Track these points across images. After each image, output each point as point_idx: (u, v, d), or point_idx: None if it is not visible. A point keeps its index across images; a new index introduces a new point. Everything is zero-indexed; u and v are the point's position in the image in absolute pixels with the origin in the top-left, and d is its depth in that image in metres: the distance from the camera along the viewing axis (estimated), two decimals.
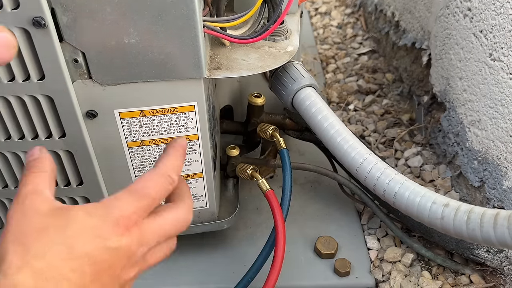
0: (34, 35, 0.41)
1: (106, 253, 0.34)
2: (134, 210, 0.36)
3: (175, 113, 0.50)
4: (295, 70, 0.59)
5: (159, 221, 0.38)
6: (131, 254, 0.36)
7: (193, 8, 0.42)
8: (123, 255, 0.36)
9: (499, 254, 0.60)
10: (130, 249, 0.36)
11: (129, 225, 0.36)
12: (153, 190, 0.38)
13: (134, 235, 0.36)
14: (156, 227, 0.38)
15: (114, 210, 0.35)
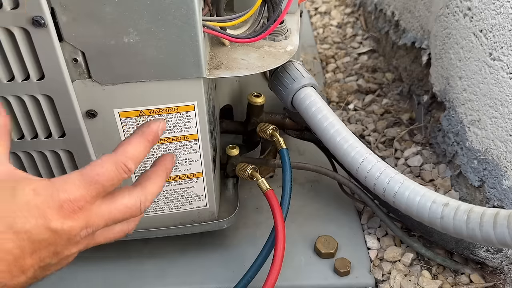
0: (33, 35, 0.41)
1: (47, 233, 0.35)
2: (82, 195, 0.36)
3: (175, 113, 0.50)
4: (294, 69, 0.59)
5: (108, 206, 0.38)
6: (72, 236, 0.36)
7: (192, 7, 0.42)
8: (64, 236, 0.36)
9: (499, 253, 0.60)
10: (71, 231, 0.36)
11: (74, 209, 0.36)
12: (105, 178, 0.37)
13: (79, 219, 0.36)
14: (104, 211, 0.38)
15: (61, 193, 0.35)
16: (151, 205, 0.58)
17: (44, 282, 0.58)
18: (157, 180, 0.42)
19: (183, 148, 0.53)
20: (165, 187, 0.56)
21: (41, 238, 0.35)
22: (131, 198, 0.39)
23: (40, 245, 0.35)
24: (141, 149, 0.40)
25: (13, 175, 0.37)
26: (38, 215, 0.34)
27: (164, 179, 0.43)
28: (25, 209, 0.34)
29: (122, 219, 0.39)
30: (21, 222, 0.34)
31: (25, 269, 0.35)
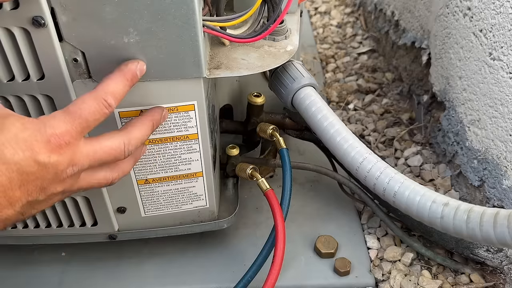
0: (33, 35, 0.41)
1: (34, 166, 0.36)
2: (67, 130, 0.38)
3: (175, 112, 0.50)
4: (294, 69, 0.59)
5: (94, 145, 0.40)
6: (59, 171, 0.38)
7: (192, 7, 0.42)
8: (51, 170, 0.37)
9: (499, 253, 0.60)
10: (58, 166, 0.38)
11: (61, 144, 0.37)
12: (87, 112, 0.39)
13: (65, 154, 0.38)
14: (89, 150, 0.40)
15: (48, 128, 0.37)
16: (150, 205, 0.58)
17: (46, 285, 0.58)
18: (142, 128, 0.44)
19: (183, 147, 0.53)
20: (165, 187, 0.56)
21: (29, 170, 0.36)
22: (115, 140, 0.41)
23: (28, 178, 0.36)
24: (120, 87, 0.41)
25: (2, 111, 0.38)
26: (26, 147, 0.36)
27: (149, 128, 0.45)
28: (13, 141, 0.36)
29: (106, 161, 0.41)
30: (10, 154, 0.35)
31: (13, 201, 0.37)
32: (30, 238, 0.60)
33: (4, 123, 0.36)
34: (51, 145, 0.37)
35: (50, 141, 0.37)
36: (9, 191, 0.36)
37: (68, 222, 0.58)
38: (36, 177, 0.37)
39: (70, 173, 0.39)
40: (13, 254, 0.66)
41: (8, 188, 0.36)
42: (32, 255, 0.67)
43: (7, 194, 0.36)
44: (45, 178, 0.38)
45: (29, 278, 0.64)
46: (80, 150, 0.39)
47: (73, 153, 0.39)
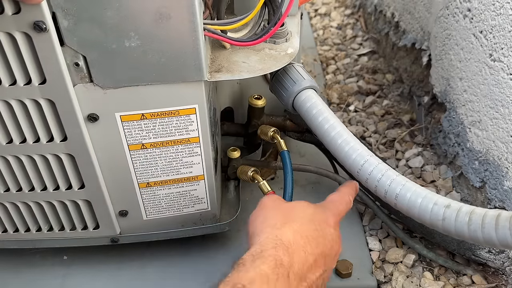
0: (35, 39, 0.41)
1: (332, 235, 0.48)
2: (338, 213, 0.53)
3: (176, 116, 0.50)
4: (295, 72, 0.59)
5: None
6: (339, 246, 0.51)
7: (193, 11, 0.42)
8: (338, 242, 0.50)
9: (500, 254, 0.60)
10: (339, 239, 0.51)
11: (338, 220, 0.52)
12: (343, 205, 0.55)
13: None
14: None
15: (329, 210, 0.51)
16: (152, 208, 0.58)
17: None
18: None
19: (184, 151, 0.53)
20: (166, 190, 0.56)
21: (329, 238, 0.48)
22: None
23: (326, 244, 0.47)
24: (352, 191, 0.58)
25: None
26: (323, 221, 0.49)
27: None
28: (316, 215, 0.49)
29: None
30: (316, 223, 0.48)
31: (315, 267, 0.45)
32: (32, 242, 0.60)
33: (303, 204, 0.50)
34: (335, 220, 0.51)
35: (335, 215, 0.52)
36: (315, 256, 0.45)
37: (70, 226, 0.58)
38: (331, 246, 0.48)
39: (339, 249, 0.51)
40: (15, 258, 0.66)
41: (316, 254, 0.45)
42: (34, 258, 0.67)
43: (315, 258, 0.45)
44: (334, 247, 0.49)
45: (31, 281, 0.64)
46: None
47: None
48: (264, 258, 0.42)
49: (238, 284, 0.39)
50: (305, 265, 0.44)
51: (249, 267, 0.40)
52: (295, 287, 0.42)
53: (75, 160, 0.51)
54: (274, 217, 0.47)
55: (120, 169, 0.53)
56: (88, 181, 0.53)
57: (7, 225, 0.57)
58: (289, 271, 0.42)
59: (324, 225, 0.48)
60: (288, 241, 0.44)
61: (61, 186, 0.53)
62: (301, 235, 0.45)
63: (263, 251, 0.42)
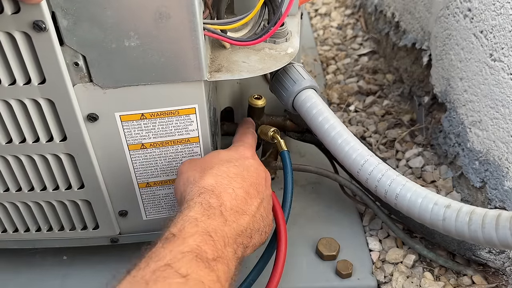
0: (34, 39, 0.41)
1: (252, 166, 0.49)
2: (250, 145, 0.55)
3: (176, 116, 0.50)
4: (295, 72, 0.59)
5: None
6: (264, 173, 0.51)
7: (193, 10, 0.42)
8: (262, 169, 0.51)
9: (501, 254, 0.60)
10: (262, 165, 0.51)
11: (253, 151, 0.54)
12: (248, 137, 0.57)
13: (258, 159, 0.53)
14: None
15: (240, 146, 0.53)
16: (151, 208, 0.58)
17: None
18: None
19: (184, 151, 0.53)
20: (166, 190, 0.56)
21: (252, 169, 0.49)
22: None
23: (252, 175, 0.48)
24: (250, 129, 0.62)
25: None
26: (240, 155, 0.50)
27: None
28: (231, 154, 0.50)
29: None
30: (234, 160, 0.49)
31: (251, 197, 0.46)
32: (32, 242, 0.60)
33: (215, 151, 0.51)
34: (251, 151, 0.53)
35: (248, 148, 0.53)
36: (246, 188, 0.46)
37: (70, 226, 0.58)
38: (257, 175, 0.48)
39: (267, 177, 0.52)
40: (15, 258, 0.66)
41: (245, 186, 0.46)
42: (33, 258, 0.67)
43: (246, 190, 0.46)
44: (260, 177, 0.49)
45: (31, 281, 0.64)
46: None
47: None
48: (190, 207, 0.42)
49: (168, 234, 0.39)
50: (237, 199, 0.44)
51: (177, 219, 0.41)
52: (233, 221, 0.43)
53: (74, 160, 0.51)
54: (192, 175, 0.47)
55: (119, 169, 0.53)
56: (88, 181, 0.53)
57: (6, 225, 0.57)
58: (221, 209, 0.42)
59: (242, 160, 0.49)
60: (211, 185, 0.44)
61: (61, 186, 0.53)
62: (223, 176, 0.46)
63: (188, 201, 0.43)
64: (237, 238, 0.43)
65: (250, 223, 0.45)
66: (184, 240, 0.38)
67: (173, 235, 0.39)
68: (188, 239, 0.38)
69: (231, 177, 0.46)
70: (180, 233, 0.39)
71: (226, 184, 0.45)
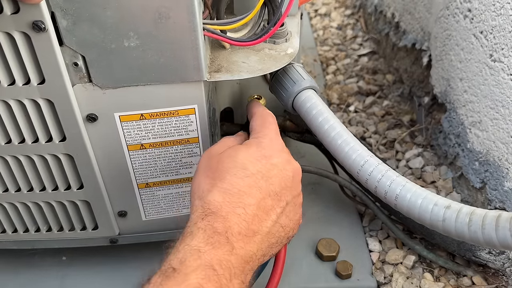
0: (34, 39, 0.41)
1: (275, 169, 0.43)
2: (276, 134, 0.48)
3: (176, 116, 0.50)
4: (295, 72, 0.59)
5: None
6: (294, 168, 0.47)
7: (193, 11, 0.42)
8: (289, 168, 0.45)
9: (501, 255, 0.60)
10: (291, 162, 0.46)
11: (280, 144, 0.47)
12: (270, 119, 0.51)
13: (286, 152, 0.47)
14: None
15: (264, 138, 0.46)
16: (151, 209, 0.58)
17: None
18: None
19: (183, 151, 0.53)
20: (165, 191, 0.56)
21: (272, 174, 0.43)
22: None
23: (273, 182, 0.43)
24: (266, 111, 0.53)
25: (232, 146, 0.46)
26: (260, 157, 0.43)
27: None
28: (249, 156, 0.43)
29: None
30: (251, 166, 0.43)
31: (268, 210, 0.42)
32: (31, 242, 0.60)
33: (234, 149, 0.44)
34: (276, 147, 0.46)
35: (272, 144, 0.46)
36: (262, 201, 0.41)
37: (69, 226, 0.58)
38: (280, 179, 0.43)
39: (298, 169, 0.48)
40: (14, 258, 0.66)
41: (261, 199, 0.41)
42: (33, 259, 0.67)
43: (260, 205, 0.41)
44: (287, 177, 0.44)
45: (30, 282, 0.64)
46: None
47: (288, 152, 0.48)
48: (193, 234, 0.38)
49: (168, 268, 0.36)
50: (247, 220, 0.40)
51: (179, 247, 0.38)
52: (241, 247, 0.39)
53: (74, 161, 0.51)
54: (203, 182, 0.42)
55: (119, 170, 0.53)
56: (87, 182, 0.53)
57: (5, 225, 0.57)
58: (227, 235, 0.38)
59: (263, 163, 0.43)
60: (217, 205, 0.40)
61: (60, 186, 0.53)
62: (232, 192, 0.41)
63: (191, 226, 0.39)
64: (246, 266, 0.39)
65: (262, 243, 0.41)
66: (186, 277, 0.35)
67: (173, 269, 0.36)
68: (190, 275, 0.35)
69: (243, 192, 0.41)
70: (181, 267, 0.36)
71: (236, 201, 0.40)
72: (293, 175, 0.46)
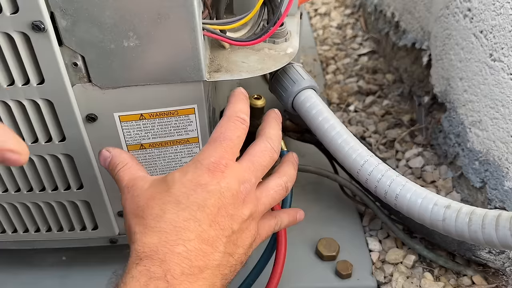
0: (33, 39, 0.41)
1: (211, 197, 0.38)
2: (221, 155, 0.40)
3: (175, 116, 0.50)
4: (295, 72, 0.59)
5: (246, 158, 0.42)
6: (234, 192, 0.39)
7: (192, 11, 0.42)
8: (227, 194, 0.39)
9: (501, 255, 0.60)
10: (230, 188, 0.39)
11: (221, 167, 0.39)
12: (229, 132, 0.42)
13: (230, 175, 0.40)
14: (246, 163, 0.42)
15: (203, 161, 0.40)
16: None
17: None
18: (273, 125, 0.47)
19: (183, 151, 0.53)
20: None
21: (209, 203, 0.38)
22: (260, 143, 0.44)
23: (211, 212, 0.38)
24: (243, 105, 0.45)
25: (161, 177, 0.41)
26: (195, 185, 0.38)
27: (278, 126, 0.48)
28: (183, 187, 0.38)
29: (265, 164, 0.43)
30: (185, 198, 0.38)
31: (213, 242, 0.38)
32: (31, 242, 0.60)
33: (167, 179, 0.40)
34: (214, 172, 0.39)
35: (210, 169, 0.39)
36: (203, 233, 0.37)
37: (69, 226, 0.58)
38: (218, 207, 0.38)
39: (244, 191, 0.40)
40: (13, 258, 0.66)
41: (201, 231, 0.37)
42: (32, 259, 0.67)
43: (203, 237, 0.37)
44: (226, 204, 0.39)
45: (30, 282, 0.64)
46: (239, 167, 0.41)
47: (235, 172, 0.40)
48: (127, 284, 0.35)
49: None
50: (191, 257, 0.36)
51: None
52: (188, 286, 0.35)
53: (73, 161, 0.51)
54: (133, 224, 0.38)
55: None
56: (87, 182, 0.53)
57: (5, 226, 0.57)
58: (167, 279, 0.35)
59: (197, 191, 0.38)
60: (152, 247, 0.36)
61: (60, 186, 0.53)
62: (168, 230, 0.37)
63: (126, 275, 0.36)
64: None
65: (214, 277, 0.37)
66: None
67: None
68: None
69: (180, 227, 0.37)
70: None
71: (174, 239, 0.36)
72: (233, 201, 0.39)
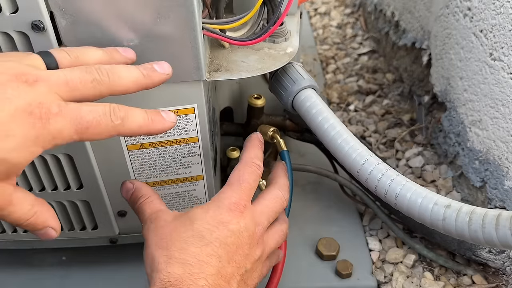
0: (33, 39, 0.41)
1: (232, 236, 0.42)
2: (240, 196, 0.44)
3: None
4: (295, 71, 0.59)
5: (262, 202, 0.47)
6: (251, 233, 0.43)
7: (192, 10, 0.42)
8: (245, 234, 0.43)
9: (501, 254, 0.60)
10: (248, 228, 0.43)
11: (240, 208, 0.43)
12: (246, 175, 0.46)
13: (248, 216, 0.43)
14: (261, 206, 0.46)
15: (224, 201, 0.43)
16: None
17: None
18: (283, 176, 0.52)
19: (183, 151, 0.53)
20: (165, 190, 0.56)
21: (229, 241, 0.41)
22: (272, 191, 0.48)
23: (230, 249, 0.41)
24: (258, 151, 0.50)
25: (183, 213, 0.45)
26: (217, 223, 0.42)
27: (286, 175, 0.53)
28: (206, 223, 0.42)
29: (276, 210, 0.47)
30: (208, 234, 0.41)
31: (229, 279, 0.41)
32: (30, 242, 0.60)
33: (189, 215, 0.43)
34: (234, 212, 0.43)
35: (231, 209, 0.43)
36: (222, 270, 0.40)
37: (69, 226, 0.58)
38: (237, 246, 0.42)
39: (258, 233, 0.44)
40: (13, 258, 0.66)
41: (221, 267, 0.40)
42: (32, 259, 0.67)
43: (222, 273, 0.40)
44: (243, 244, 0.42)
45: (30, 282, 0.64)
46: (255, 210, 0.45)
47: (252, 214, 0.44)
48: None
49: None
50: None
51: None
52: None
53: (73, 161, 0.51)
54: (158, 255, 0.41)
55: (118, 169, 0.53)
56: (87, 182, 0.53)
57: (5, 225, 0.57)
58: None
59: (220, 229, 0.41)
60: (177, 278, 0.38)
61: (59, 186, 0.53)
62: (192, 262, 0.39)
63: None
64: None
65: None
66: None
67: None
68: None
69: (203, 261, 0.40)
70: None
71: (197, 272, 0.39)
72: (249, 241, 0.43)
